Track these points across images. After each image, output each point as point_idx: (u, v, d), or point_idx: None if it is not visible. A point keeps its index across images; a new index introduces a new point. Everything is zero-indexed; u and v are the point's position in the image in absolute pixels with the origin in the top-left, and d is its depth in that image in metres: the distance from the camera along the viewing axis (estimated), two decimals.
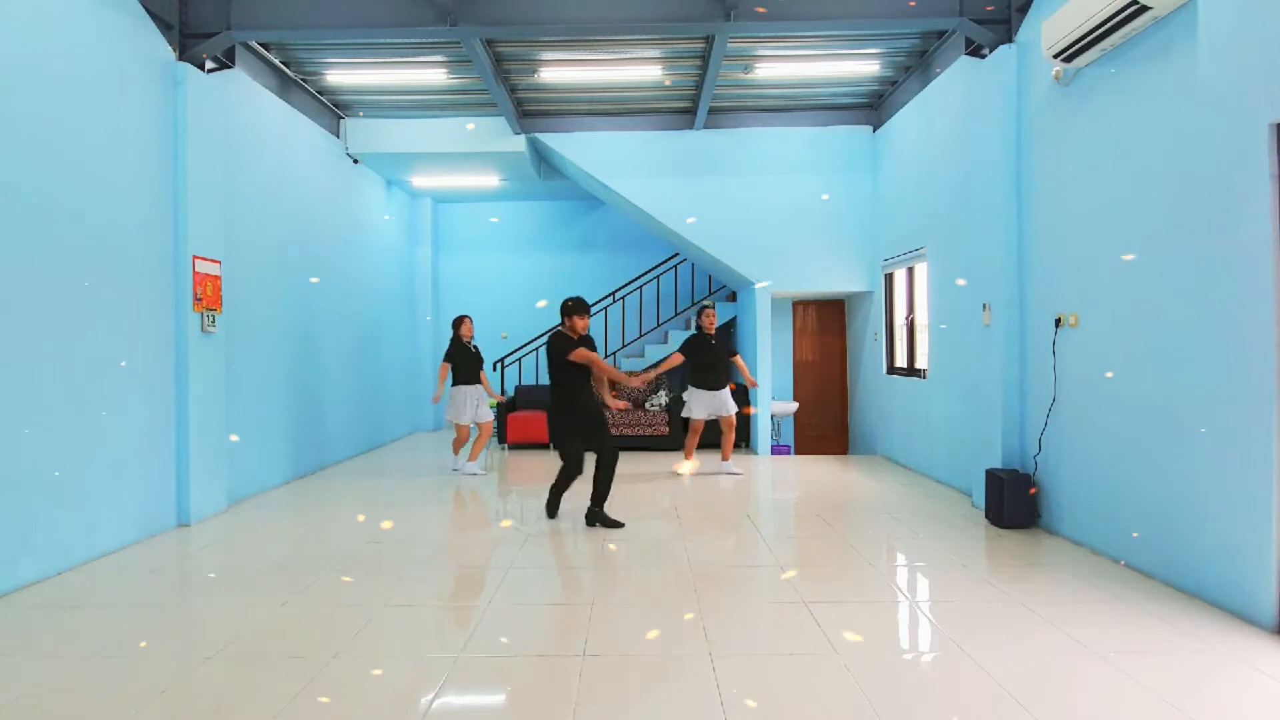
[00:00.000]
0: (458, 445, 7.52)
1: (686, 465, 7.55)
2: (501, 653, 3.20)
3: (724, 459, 7.50)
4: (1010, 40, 5.50)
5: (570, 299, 5.31)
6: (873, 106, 8.51)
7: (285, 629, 3.46)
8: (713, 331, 7.37)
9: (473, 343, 7.49)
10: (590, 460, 5.38)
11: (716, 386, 7.33)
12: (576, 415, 5.27)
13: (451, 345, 7.36)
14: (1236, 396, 3.45)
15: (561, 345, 5.19)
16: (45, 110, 4.25)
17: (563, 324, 5.33)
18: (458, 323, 7.41)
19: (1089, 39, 4.34)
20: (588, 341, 5.29)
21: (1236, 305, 3.45)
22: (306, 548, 4.87)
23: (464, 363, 7.31)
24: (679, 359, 7.26)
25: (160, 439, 5.21)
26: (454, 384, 7.28)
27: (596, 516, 5.27)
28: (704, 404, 7.35)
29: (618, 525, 5.24)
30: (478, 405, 7.30)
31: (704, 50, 6.80)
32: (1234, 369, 3.47)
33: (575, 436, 5.32)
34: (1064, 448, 4.91)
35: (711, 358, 7.30)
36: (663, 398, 9.20)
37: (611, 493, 5.39)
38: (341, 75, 7.37)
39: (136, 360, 4.96)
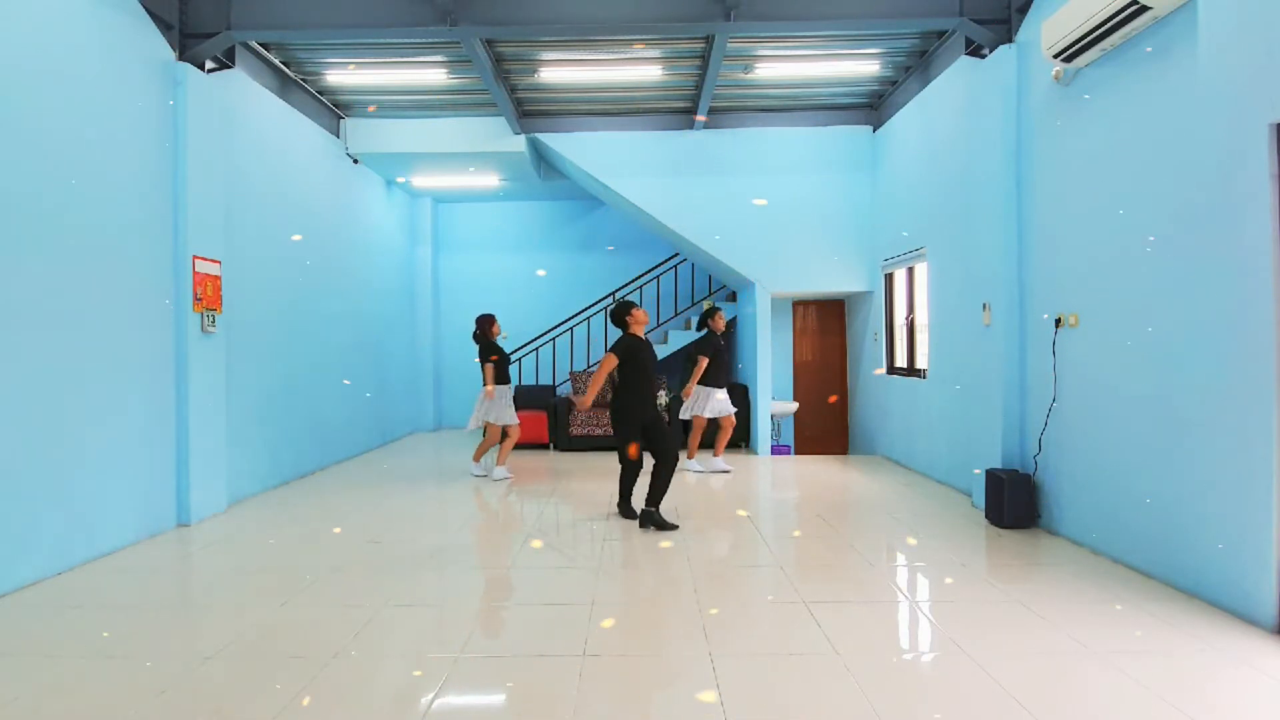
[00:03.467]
0: (493, 452, 7.26)
1: (694, 463, 7.67)
2: (501, 653, 3.20)
3: (717, 454, 7.63)
4: (1010, 40, 5.50)
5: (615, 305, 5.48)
6: (873, 106, 8.51)
7: (285, 629, 3.46)
8: (721, 330, 7.65)
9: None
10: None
11: (724, 385, 7.58)
12: (639, 413, 5.30)
13: (489, 346, 7.08)
14: (1236, 396, 3.45)
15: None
16: (44, 110, 4.24)
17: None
18: (489, 321, 7.12)
19: (1089, 39, 4.34)
20: (624, 346, 5.31)
21: (1237, 305, 3.45)
22: (306, 547, 4.87)
23: (505, 362, 7.18)
24: (705, 362, 7.38)
25: (160, 439, 5.20)
26: (495, 383, 7.08)
27: (651, 518, 5.21)
28: (715, 403, 7.50)
29: (672, 527, 5.18)
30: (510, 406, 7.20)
31: (704, 50, 6.80)
32: (1234, 369, 3.47)
33: (639, 434, 5.35)
34: (1064, 448, 4.91)
35: (723, 357, 7.57)
36: (663, 397, 9.18)
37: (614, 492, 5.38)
38: (341, 75, 7.37)
39: (136, 360, 4.96)
